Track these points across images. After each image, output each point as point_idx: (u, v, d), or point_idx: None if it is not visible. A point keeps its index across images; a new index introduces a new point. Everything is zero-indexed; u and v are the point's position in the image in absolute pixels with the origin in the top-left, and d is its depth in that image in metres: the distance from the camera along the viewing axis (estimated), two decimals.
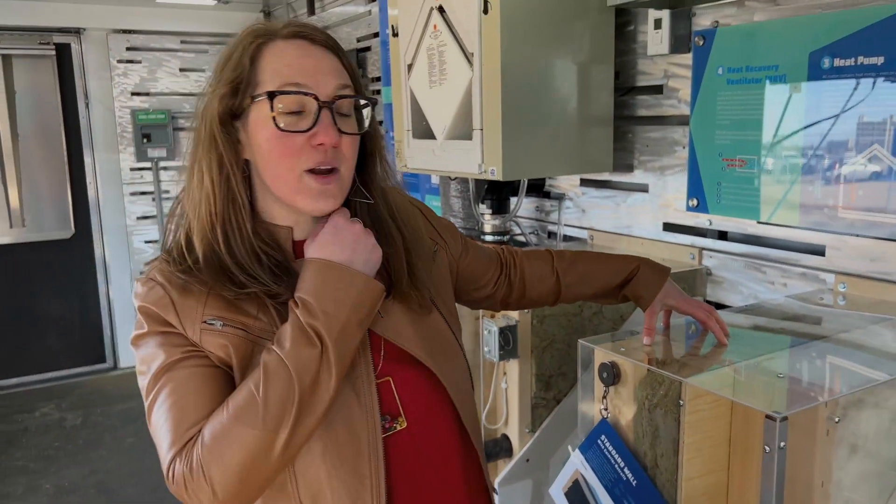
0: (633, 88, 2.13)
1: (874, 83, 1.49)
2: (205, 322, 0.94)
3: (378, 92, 3.42)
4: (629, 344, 1.27)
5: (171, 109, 4.92)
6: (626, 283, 1.33)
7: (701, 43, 1.84)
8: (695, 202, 1.92)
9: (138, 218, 4.97)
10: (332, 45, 1.00)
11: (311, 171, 0.96)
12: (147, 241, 4.99)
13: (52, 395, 4.59)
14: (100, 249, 4.95)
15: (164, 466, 0.91)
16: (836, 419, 1.05)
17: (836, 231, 1.61)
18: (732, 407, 1.15)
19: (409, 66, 2.27)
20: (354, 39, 3.72)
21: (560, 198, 2.45)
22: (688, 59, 1.91)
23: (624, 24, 2.09)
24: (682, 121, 1.97)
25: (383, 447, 0.98)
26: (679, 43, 1.92)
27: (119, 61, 4.80)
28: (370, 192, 1.06)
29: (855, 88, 1.53)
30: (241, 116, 0.98)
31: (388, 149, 1.15)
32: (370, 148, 1.07)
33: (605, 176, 2.25)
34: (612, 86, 2.08)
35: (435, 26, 2.12)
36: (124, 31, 4.79)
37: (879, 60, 1.48)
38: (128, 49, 4.82)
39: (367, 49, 3.61)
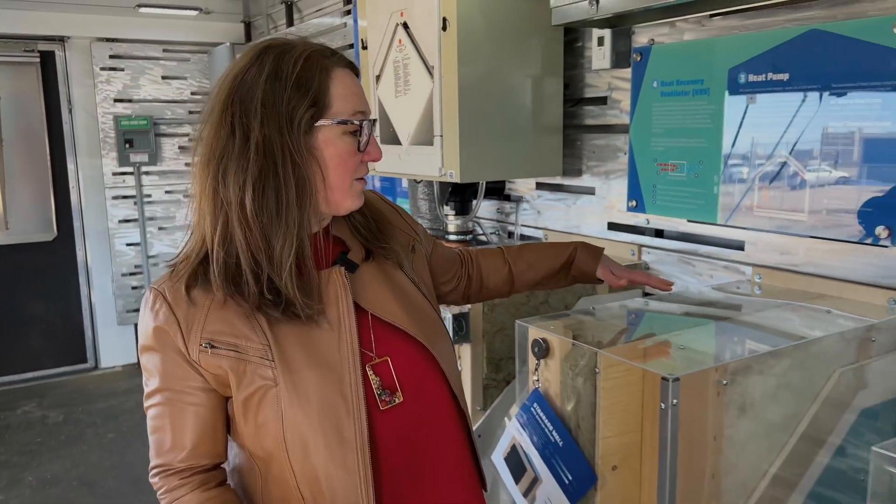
0: (581, 100, 2.32)
1: (781, 97, 1.69)
2: (201, 345, 1.04)
3: None
4: (558, 322, 1.45)
5: (154, 116, 5.06)
6: (568, 264, 1.54)
7: (638, 59, 2.04)
8: (634, 203, 2.11)
9: (120, 221, 5.09)
10: (359, 73, 1.16)
11: (359, 179, 1.14)
12: (129, 244, 5.12)
13: (34, 393, 4.69)
14: (82, 252, 5.06)
15: (149, 467, 1.12)
16: (725, 382, 1.24)
17: (753, 229, 1.80)
18: (644, 375, 1.33)
19: (378, 77, 2.45)
20: None
21: (518, 200, 2.63)
22: (628, 73, 2.10)
23: (572, 41, 2.29)
24: (624, 129, 2.16)
25: (385, 420, 1.11)
26: (620, 58, 2.12)
27: (102, 69, 4.94)
28: None
29: (766, 101, 1.73)
30: (310, 133, 1.06)
31: None
32: None
33: (557, 180, 2.44)
34: (562, 97, 2.27)
35: (400, 41, 2.30)
36: (108, 40, 4.93)
37: (785, 77, 1.68)
38: (111, 57, 4.96)
39: None
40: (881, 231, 1.53)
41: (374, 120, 1.15)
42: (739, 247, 1.88)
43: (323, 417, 1.05)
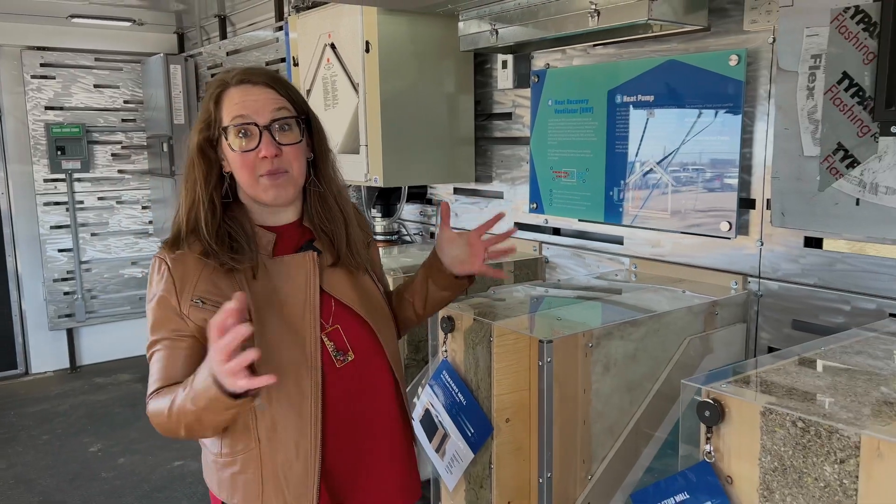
0: (490, 115, 2.62)
1: (648, 115, 2.03)
2: (192, 301, 1.28)
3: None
4: (464, 304, 1.73)
5: (86, 123, 5.12)
6: (425, 288, 1.58)
7: (536, 80, 2.36)
8: (535, 206, 2.42)
9: (52, 227, 5.12)
10: (268, 82, 1.34)
11: (263, 175, 1.31)
12: (60, 250, 5.15)
13: None
14: (12, 259, 5.06)
15: (147, 395, 1.31)
16: (591, 345, 1.54)
17: (629, 225, 2.14)
18: (528, 341, 1.62)
19: (308, 91, 2.70)
20: (263, 63, 4.09)
21: (438, 203, 2.92)
22: (528, 92, 2.42)
23: (482, 63, 2.59)
24: (526, 141, 2.47)
25: (337, 377, 1.34)
26: (521, 79, 2.43)
27: (33, 76, 4.97)
28: (321, 182, 1.42)
29: (639, 118, 2.07)
30: (217, 145, 1.34)
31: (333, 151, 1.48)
32: (319, 151, 1.42)
33: (471, 185, 2.73)
34: (473, 112, 2.57)
35: (328, 59, 2.56)
36: (38, 48, 4.97)
37: (651, 98, 2.03)
38: (42, 65, 5.00)
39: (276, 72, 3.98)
40: (724, 226, 1.88)
41: (276, 120, 1.31)
42: (619, 241, 2.22)
43: (286, 371, 1.28)
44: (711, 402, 1.15)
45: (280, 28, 3.84)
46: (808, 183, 1.54)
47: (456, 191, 2.82)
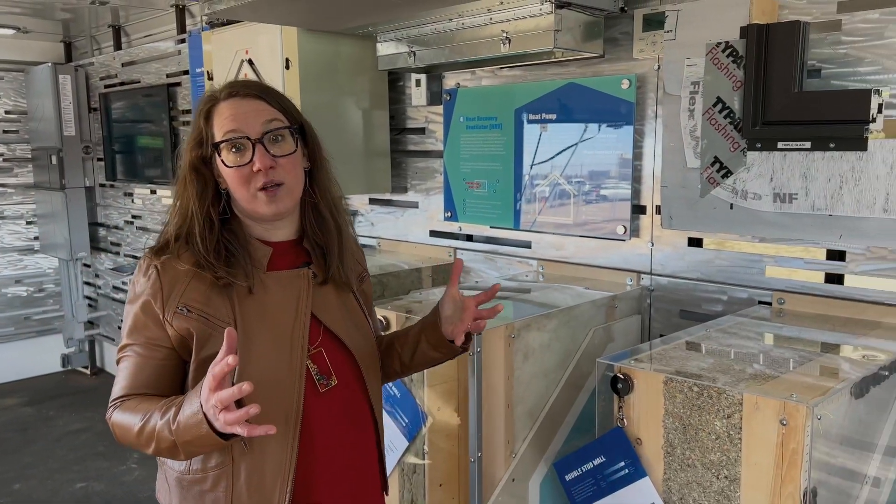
0: (404, 129, 2.78)
1: (552, 131, 2.26)
2: (177, 309, 1.23)
3: (187, 123, 3.79)
4: (397, 304, 1.87)
5: None
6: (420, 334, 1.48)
7: (448, 98, 2.55)
8: (449, 214, 2.60)
9: None
10: (258, 93, 1.29)
11: (260, 189, 1.26)
12: None
13: None
14: None
15: (109, 402, 1.28)
16: (513, 336, 1.72)
17: (537, 231, 2.36)
18: None
19: None
20: (164, 75, 4.05)
21: (354, 213, 3.04)
22: (440, 109, 2.59)
23: (396, 80, 2.75)
24: (439, 155, 2.65)
25: (322, 400, 1.29)
26: (434, 97, 2.61)
27: None
28: (315, 193, 1.36)
29: (541, 134, 2.29)
30: (210, 161, 1.29)
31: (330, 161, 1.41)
32: (315, 160, 1.36)
33: (387, 196, 2.87)
34: (388, 127, 2.72)
35: (245, 74, 2.62)
36: None
37: (553, 117, 2.25)
38: None
39: (178, 84, 3.96)
40: (620, 229, 2.13)
41: (269, 132, 1.27)
42: (528, 246, 2.43)
43: (268, 389, 1.21)
44: (622, 376, 1.36)
45: (182, 40, 3.83)
46: (691, 191, 1.81)
47: (372, 201, 2.95)
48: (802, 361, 1.44)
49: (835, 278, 1.76)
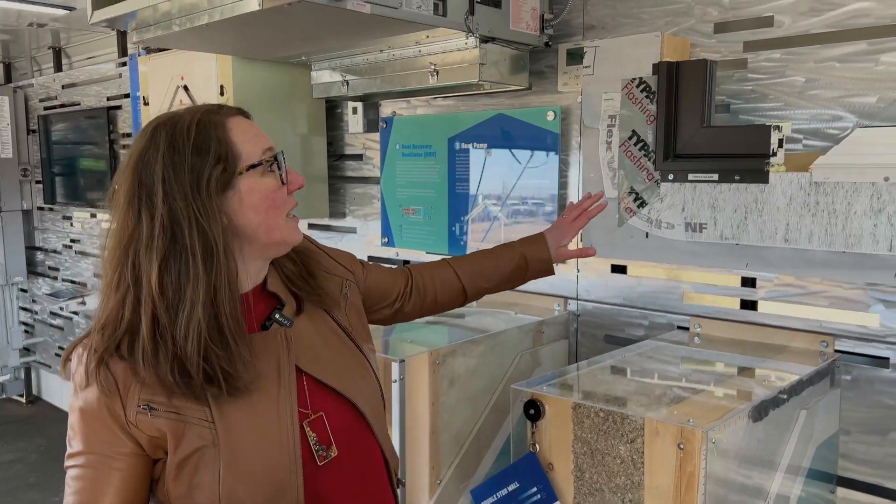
0: (342, 156, 2.81)
1: (484, 160, 2.31)
2: (139, 407, 0.99)
3: (127, 147, 3.75)
4: None
5: None
6: (522, 268, 1.54)
7: (384, 126, 2.58)
8: (386, 240, 2.63)
9: None
10: (249, 115, 1.16)
11: (289, 213, 1.12)
12: None
13: None
14: None
15: None
16: (438, 362, 1.75)
17: (463, 251, 2.39)
18: (384, 362, 1.80)
19: None
20: (105, 98, 4.01)
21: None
22: (377, 136, 2.63)
23: (334, 108, 2.78)
24: (376, 181, 2.67)
25: (323, 473, 1.09)
26: (371, 125, 2.64)
27: None
28: None
29: (473, 162, 2.34)
30: (230, 188, 1.04)
31: None
32: None
33: (325, 221, 2.88)
34: (326, 153, 2.74)
35: (181, 101, 2.62)
36: None
37: (484, 145, 2.31)
38: None
39: (119, 108, 3.92)
40: None
41: (282, 151, 1.14)
42: None
43: (262, 479, 1.04)
44: (534, 401, 1.39)
45: (124, 63, 3.80)
46: (610, 220, 1.87)
47: (311, 226, 2.96)
48: (710, 385, 1.50)
49: (748, 304, 1.84)
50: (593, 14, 2.04)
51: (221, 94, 2.45)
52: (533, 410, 1.39)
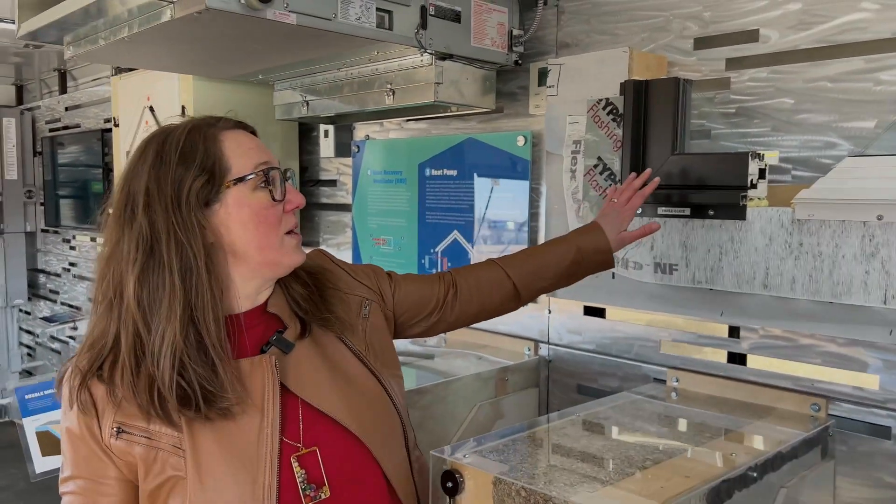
0: (318, 181, 2.66)
1: (454, 188, 2.13)
2: (112, 429, 0.97)
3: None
4: None
5: None
6: (577, 263, 1.36)
7: (356, 150, 2.43)
8: None
9: None
10: (255, 133, 1.11)
11: (288, 232, 1.05)
12: None
13: None
14: None
15: None
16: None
17: None
18: None
19: (128, 153, 2.63)
20: (102, 120, 3.96)
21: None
22: (351, 161, 2.47)
23: (309, 130, 2.63)
24: (350, 208, 2.51)
25: None
26: (343, 149, 2.49)
27: None
28: None
29: (443, 190, 2.16)
30: (215, 201, 1.00)
31: None
32: None
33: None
34: (299, 178, 2.60)
35: (147, 122, 2.51)
36: None
37: (455, 172, 2.13)
38: None
39: (108, 131, 3.85)
40: None
41: (288, 169, 1.07)
42: None
43: None
44: (452, 472, 1.18)
45: None
46: None
47: None
48: (673, 455, 1.28)
49: (735, 357, 1.60)
50: (567, 30, 1.86)
51: (183, 114, 2.32)
52: (451, 483, 1.18)
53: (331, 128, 2.46)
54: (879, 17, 1.36)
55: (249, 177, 1.01)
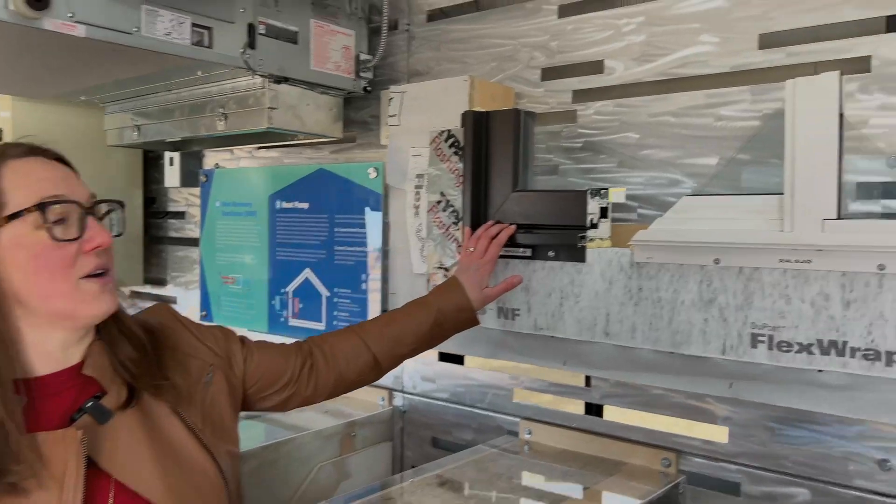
0: (167, 213, 2.42)
1: (304, 222, 1.96)
2: None
3: None
4: None
5: None
6: (439, 325, 1.29)
7: (205, 180, 2.22)
8: (204, 313, 2.23)
9: None
10: (64, 160, 0.98)
11: (87, 276, 0.91)
12: None
13: None
14: None
15: None
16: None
17: (290, 336, 2.02)
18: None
19: None
20: None
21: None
22: (199, 191, 2.26)
23: (157, 158, 2.41)
24: (198, 243, 2.29)
25: None
26: (191, 178, 2.28)
27: None
28: None
29: (294, 224, 1.99)
30: None
31: None
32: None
33: (141, 288, 2.47)
34: (143, 209, 2.36)
35: None
36: None
37: (306, 205, 1.96)
38: None
39: None
40: None
41: (102, 201, 0.96)
42: None
43: None
44: None
45: None
46: None
47: (133, 294, 2.55)
48: None
49: (590, 408, 1.50)
50: (417, 57, 1.74)
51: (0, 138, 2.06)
52: None
53: (176, 155, 2.25)
54: (720, 50, 1.30)
55: (22, 213, 0.88)
